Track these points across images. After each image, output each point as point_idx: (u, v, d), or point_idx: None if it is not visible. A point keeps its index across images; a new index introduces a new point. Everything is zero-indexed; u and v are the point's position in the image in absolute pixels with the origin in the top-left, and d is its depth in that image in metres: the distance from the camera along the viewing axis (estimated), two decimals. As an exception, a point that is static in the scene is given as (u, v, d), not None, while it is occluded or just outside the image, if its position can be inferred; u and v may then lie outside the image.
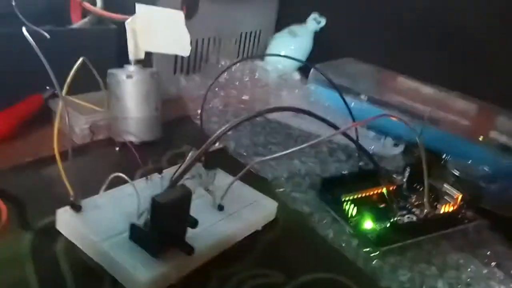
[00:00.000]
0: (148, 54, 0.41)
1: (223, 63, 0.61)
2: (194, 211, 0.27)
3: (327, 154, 0.47)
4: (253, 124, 0.50)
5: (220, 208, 0.32)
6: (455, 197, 0.38)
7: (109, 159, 0.40)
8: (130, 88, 0.39)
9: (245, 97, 0.56)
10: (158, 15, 0.40)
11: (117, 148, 0.41)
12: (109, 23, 0.46)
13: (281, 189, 0.39)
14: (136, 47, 0.40)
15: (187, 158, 0.35)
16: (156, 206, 0.25)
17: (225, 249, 0.30)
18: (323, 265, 0.31)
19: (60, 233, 0.29)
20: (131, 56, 0.40)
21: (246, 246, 0.31)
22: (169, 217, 0.26)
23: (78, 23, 0.46)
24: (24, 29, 0.32)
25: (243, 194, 0.34)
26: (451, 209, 0.38)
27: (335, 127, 0.30)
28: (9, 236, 0.28)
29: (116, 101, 0.40)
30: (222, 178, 0.35)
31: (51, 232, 0.29)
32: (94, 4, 0.47)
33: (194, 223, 0.26)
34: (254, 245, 0.32)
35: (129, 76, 0.39)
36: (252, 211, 0.33)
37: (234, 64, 0.46)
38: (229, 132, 0.48)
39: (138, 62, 0.40)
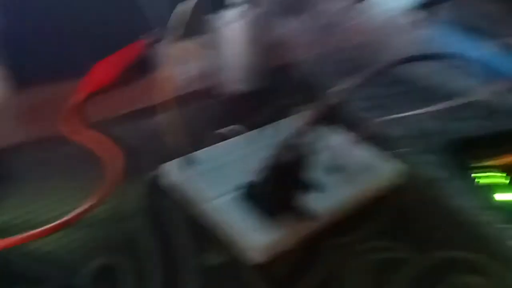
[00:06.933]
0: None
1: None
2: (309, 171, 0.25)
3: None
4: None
5: (340, 169, 0.29)
6: None
7: (214, 107, 0.38)
8: (237, 33, 0.36)
9: (352, 43, 0.51)
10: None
11: (221, 97, 0.39)
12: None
13: (405, 149, 0.34)
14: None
15: (303, 114, 0.32)
16: (276, 166, 0.23)
17: (343, 215, 0.27)
18: (456, 240, 0.27)
19: (172, 185, 0.28)
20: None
21: (366, 214, 0.28)
22: (288, 177, 0.23)
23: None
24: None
25: (363, 155, 0.31)
26: None
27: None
28: (123, 186, 0.27)
29: (220, 47, 0.37)
30: (339, 135, 0.32)
31: (163, 184, 0.28)
32: None
33: (312, 187, 0.24)
34: (375, 213, 0.28)
35: (235, 20, 0.36)
36: (374, 173, 0.29)
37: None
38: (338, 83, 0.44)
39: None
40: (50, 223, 0.24)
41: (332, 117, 0.32)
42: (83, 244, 0.24)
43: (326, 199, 0.26)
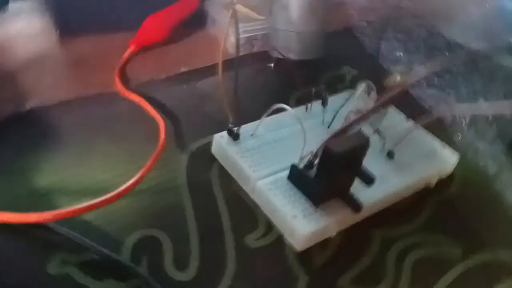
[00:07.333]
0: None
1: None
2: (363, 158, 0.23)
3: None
4: (432, 46, 0.42)
5: (391, 155, 0.27)
6: None
7: (264, 76, 0.37)
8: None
9: (422, 8, 0.47)
10: None
11: (272, 64, 0.37)
12: None
13: (460, 135, 0.32)
14: None
15: (363, 89, 0.30)
16: (329, 155, 0.21)
17: (393, 206, 0.26)
18: (508, 241, 0.26)
19: (218, 159, 0.27)
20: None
21: (415, 205, 0.27)
22: (341, 167, 0.22)
23: None
24: None
25: (418, 140, 0.29)
26: None
27: None
28: (166, 155, 0.26)
29: (279, 10, 0.35)
30: (394, 117, 0.30)
31: (207, 157, 0.27)
32: None
33: (369, 180, 0.22)
34: (425, 205, 0.27)
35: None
36: (428, 162, 0.28)
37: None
38: (401, 54, 0.42)
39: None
40: (93, 189, 0.24)
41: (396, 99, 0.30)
42: (125, 214, 0.23)
43: (377, 188, 0.25)
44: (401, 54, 0.41)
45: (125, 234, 0.22)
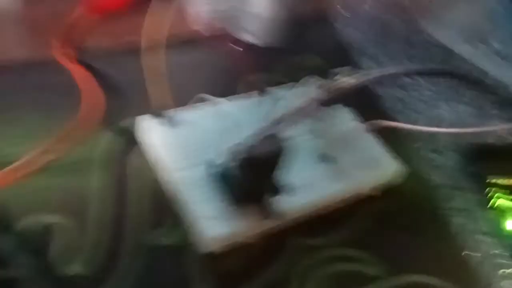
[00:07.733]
0: None
1: None
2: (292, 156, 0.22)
3: (488, 100, 0.35)
4: (410, 43, 0.40)
5: (326, 159, 0.26)
6: None
7: (219, 57, 0.34)
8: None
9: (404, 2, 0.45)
10: None
11: (231, 45, 0.35)
12: None
13: (417, 144, 0.30)
14: None
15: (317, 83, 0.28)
16: (240, 157, 0.20)
17: (320, 214, 0.24)
18: (435, 264, 0.24)
19: (144, 143, 0.25)
20: None
21: (347, 215, 0.25)
22: (251, 172, 0.20)
23: None
24: None
25: (361, 145, 0.27)
26: None
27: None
28: (88, 133, 0.25)
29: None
30: (340, 117, 0.28)
31: (131, 139, 0.26)
32: None
33: (275, 191, 0.21)
34: (357, 216, 0.25)
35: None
36: (367, 170, 0.26)
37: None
38: (374, 48, 0.40)
39: None
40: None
41: (345, 98, 0.28)
42: (20, 196, 0.22)
43: (303, 194, 0.24)
44: (374, 48, 0.39)
45: (15, 219, 0.21)
